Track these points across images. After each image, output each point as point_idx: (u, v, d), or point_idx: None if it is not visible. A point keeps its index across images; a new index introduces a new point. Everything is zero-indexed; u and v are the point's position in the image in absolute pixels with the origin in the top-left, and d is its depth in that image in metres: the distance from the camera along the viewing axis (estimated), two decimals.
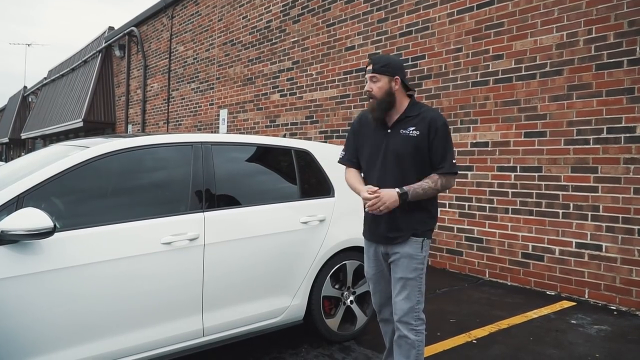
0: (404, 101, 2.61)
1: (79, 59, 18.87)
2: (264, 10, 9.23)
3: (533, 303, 4.60)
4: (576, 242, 4.82)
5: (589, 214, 4.73)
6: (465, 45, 5.80)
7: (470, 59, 5.75)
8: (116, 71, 16.50)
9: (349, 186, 2.76)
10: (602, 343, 3.68)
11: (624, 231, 4.51)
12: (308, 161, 3.65)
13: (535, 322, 4.10)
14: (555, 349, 3.54)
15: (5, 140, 29.67)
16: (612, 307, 4.52)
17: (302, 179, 3.57)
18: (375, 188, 2.49)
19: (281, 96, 8.77)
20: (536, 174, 5.14)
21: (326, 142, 7.50)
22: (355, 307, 3.60)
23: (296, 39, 8.42)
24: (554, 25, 5.01)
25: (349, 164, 2.79)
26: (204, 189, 3.03)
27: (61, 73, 20.67)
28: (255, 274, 3.15)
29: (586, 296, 4.74)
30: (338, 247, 3.51)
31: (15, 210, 2.36)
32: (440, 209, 5.95)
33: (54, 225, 2.35)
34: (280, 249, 3.26)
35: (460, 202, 5.85)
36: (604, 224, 4.64)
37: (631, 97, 4.47)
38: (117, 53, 15.68)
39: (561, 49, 4.95)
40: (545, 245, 5.06)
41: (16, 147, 31.84)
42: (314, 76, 8.03)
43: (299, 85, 8.36)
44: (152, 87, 13.86)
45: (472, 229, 5.72)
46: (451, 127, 5.77)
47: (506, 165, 5.41)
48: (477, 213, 5.68)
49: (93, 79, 16.34)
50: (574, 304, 4.61)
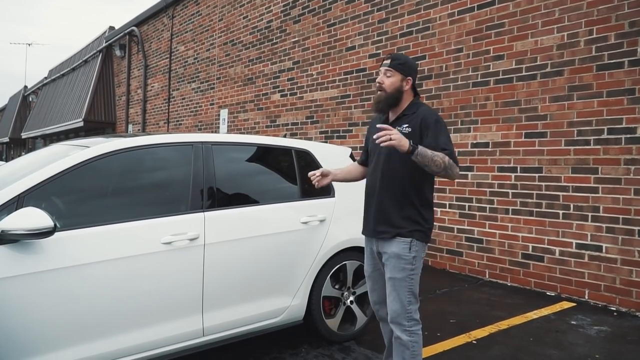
0: (407, 101, 2.65)
1: (79, 58, 18.87)
2: (264, 10, 9.23)
3: (533, 304, 4.60)
4: (576, 243, 4.82)
5: (589, 214, 4.73)
6: (466, 45, 5.80)
7: (471, 59, 5.75)
8: (117, 71, 16.50)
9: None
10: (602, 344, 3.68)
11: (624, 232, 4.51)
12: (308, 161, 3.65)
13: (535, 323, 4.10)
14: (555, 350, 3.54)
15: (6, 139, 29.69)
16: (612, 308, 4.52)
17: (302, 179, 3.56)
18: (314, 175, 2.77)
19: (282, 96, 8.77)
20: (536, 174, 5.14)
21: (326, 142, 7.50)
22: (355, 307, 3.60)
23: (297, 39, 8.42)
24: (555, 26, 5.01)
25: (359, 162, 2.99)
26: (204, 189, 3.03)
27: (61, 73, 20.67)
28: (256, 273, 3.15)
29: (586, 297, 4.74)
30: (338, 247, 3.51)
31: (16, 210, 2.36)
32: (440, 209, 5.97)
33: (54, 225, 2.35)
34: (280, 248, 3.26)
35: (461, 203, 5.85)
36: (604, 225, 4.64)
37: (632, 98, 4.47)
38: (118, 53, 15.68)
39: (562, 49, 4.95)
40: (546, 246, 5.06)
41: (16, 146, 31.85)
42: (314, 76, 8.03)
43: (299, 85, 8.35)
44: (152, 86, 13.87)
45: (472, 230, 5.72)
46: (452, 127, 5.79)
47: (506, 165, 5.41)
48: (477, 214, 5.68)
49: (93, 79, 16.33)
50: (574, 304, 4.61)
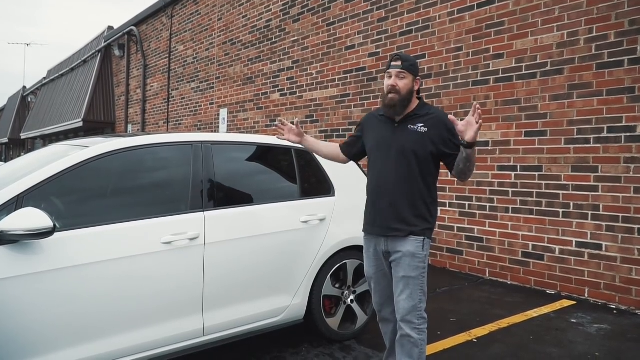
0: (415, 101, 2.69)
1: (78, 58, 18.85)
2: (263, 10, 9.22)
3: (533, 302, 4.60)
4: (576, 242, 4.82)
5: (589, 213, 4.73)
6: (466, 44, 5.80)
7: (471, 58, 5.75)
8: (116, 71, 16.48)
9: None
10: (602, 342, 3.68)
11: (624, 230, 4.50)
12: (308, 160, 3.65)
13: (536, 321, 4.10)
14: (556, 348, 3.54)
15: (5, 140, 29.68)
16: (612, 306, 4.52)
17: (302, 178, 3.56)
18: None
19: (281, 95, 8.77)
20: (536, 173, 5.14)
21: (327, 141, 7.49)
22: (355, 307, 3.60)
23: (296, 38, 8.41)
24: (555, 24, 5.01)
25: (340, 146, 2.97)
26: (204, 189, 3.03)
27: (60, 73, 20.65)
28: (256, 273, 3.15)
29: (586, 295, 4.74)
30: (338, 247, 3.51)
31: (15, 210, 2.35)
32: (440, 208, 5.96)
33: (54, 225, 2.35)
34: (280, 248, 3.26)
35: (461, 202, 5.84)
36: (604, 223, 4.64)
37: (632, 97, 4.47)
38: (117, 53, 15.66)
39: (562, 48, 4.95)
40: (546, 245, 5.05)
41: (16, 147, 31.85)
42: (314, 75, 8.02)
43: (299, 84, 8.35)
44: (151, 86, 13.85)
45: (473, 228, 5.72)
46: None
47: (506, 164, 5.41)
48: (477, 212, 5.68)
49: (92, 79, 16.32)
50: (574, 302, 4.61)
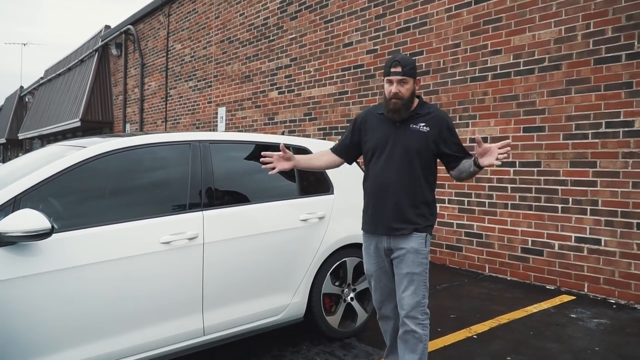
0: (414, 100, 2.69)
1: (75, 58, 18.80)
2: (261, 7, 9.20)
3: (533, 297, 4.61)
4: (575, 237, 4.82)
5: (588, 208, 4.73)
6: (464, 40, 5.79)
7: (469, 54, 5.74)
8: (113, 70, 16.45)
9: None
10: (602, 336, 3.69)
11: (623, 225, 4.51)
12: None
13: (535, 317, 4.11)
14: (555, 343, 3.54)
15: (3, 140, 29.63)
16: (611, 301, 4.53)
17: (301, 176, 3.56)
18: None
19: (279, 93, 8.75)
20: (535, 168, 5.14)
21: (325, 139, 7.49)
22: (355, 304, 3.60)
23: (294, 35, 8.40)
24: (552, 20, 5.00)
25: (333, 150, 2.89)
26: (202, 188, 3.02)
27: (58, 72, 20.60)
28: (255, 272, 3.14)
29: (585, 290, 4.75)
30: (338, 244, 3.51)
31: (13, 212, 2.34)
32: (439, 204, 5.96)
33: (52, 227, 2.34)
34: (279, 246, 3.26)
35: (460, 198, 5.84)
36: (602, 218, 4.64)
37: (629, 92, 4.47)
38: (114, 52, 15.62)
39: (559, 43, 4.94)
40: (545, 240, 5.06)
41: (13, 147, 31.77)
42: (312, 73, 8.01)
43: (297, 82, 8.34)
44: (149, 85, 13.83)
45: (472, 225, 5.72)
46: None
47: (505, 160, 5.39)
48: (476, 208, 5.68)
49: (90, 78, 16.27)
50: (574, 297, 4.62)
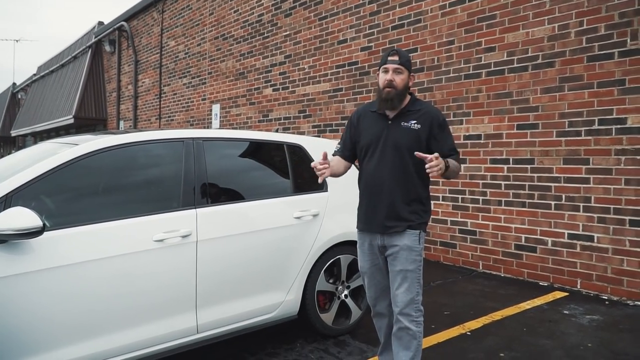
0: (407, 97, 2.69)
1: (68, 54, 18.66)
2: (255, 4, 9.16)
3: (526, 294, 4.63)
4: (568, 233, 4.85)
5: (581, 205, 4.76)
6: (458, 37, 5.79)
7: (463, 51, 5.74)
8: (107, 67, 16.35)
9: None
10: (594, 332, 3.71)
11: (615, 222, 4.53)
12: (301, 156, 3.64)
13: (529, 313, 4.13)
14: (548, 340, 3.56)
15: None
16: (603, 297, 4.55)
17: (295, 173, 3.56)
18: (321, 167, 2.54)
19: (274, 90, 8.73)
20: (528, 165, 5.16)
21: (319, 136, 7.48)
22: (349, 301, 3.60)
23: (288, 32, 8.37)
24: (546, 17, 5.01)
25: (338, 154, 2.83)
26: (196, 185, 3.01)
27: (50, 69, 20.45)
28: (249, 269, 3.14)
29: (578, 286, 4.78)
30: (332, 242, 3.51)
31: (4, 210, 2.33)
32: (433, 201, 5.97)
33: (43, 225, 2.33)
34: (273, 244, 3.25)
35: (454, 195, 5.86)
36: (595, 215, 4.67)
37: (622, 89, 4.49)
38: (108, 48, 15.52)
39: (553, 40, 4.96)
40: (538, 237, 5.08)
41: (6, 144, 31.56)
42: (306, 70, 8.00)
43: (291, 79, 8.32)
44: (143, 82, 13.76)
45: (466, 222, 5.74)
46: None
47: (499, 157, 5.42)
48: (470, 205, 5.69)
49: (83, 75, 16.16)
50: (567, 294, 4.64)
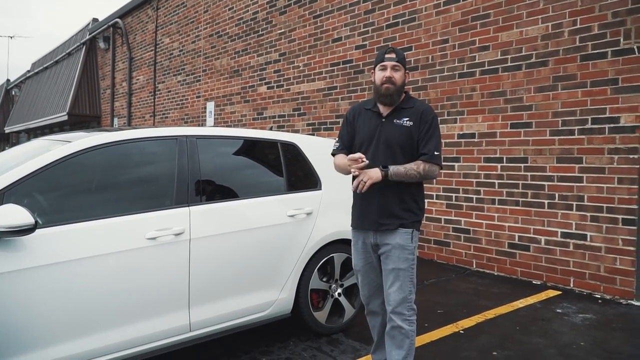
0: (402, 95, 2.69)
1: (62, 51, 18.56)
2: (250, 2, 9.13)
3: (519, 293, 4.65)
4: (561, 232, 4.87)
5: (574, 204, 4.78)
6: (452, 36, 5.80)
7: (457, 50, 5.75)
8: (101, 63, 16.27)
9: (338, 170, 2.76)
10: (587, 331, 3.73)
11: (609, 220, 4.56)
12: (295, 154, 3.63)
13: (522, 312, 4.15)
14: (541, 338, 3.58)
15: None
16: (596, 296, 4.58)
17: (288, 172, 3.55)
18: (360, 155, 2.46)
19: (268, 88, 8.72)
20: (522, 164, 5.17)
21: (314, 134, 7.48)
22: (343, 300, 3.61)
23: (283, 30, 8.36)
24: (540, 17, 5.02)
25: (342, 151, 2.76)
26: (189, 183, 3.00)
27: (45, 66, 20.33)
28: (242, 268, 3.13)
29: (571, 285, 4.80)
30: (325, 240, 3.51)
31: None
32: (427, 200, 5.98)
33: (35, 222, 2.31)
34: (267, 242, 3.25)
35: (448, 194, 5.87)
36: (588, 214, 4.69)
37: (615, 88, 4.51)
38: (102, 45, 15.44)
39: (546, 40, 4.97)
40: (531, 235, 5.10)
41: (0, 141, 31.37)
42: (300, 68, 7.98)
43: (285, 77, 8.30)
44: (137, 79, 13.70)
45: (459, 220, 5.75)
46: (438, 118, 5.78)
47: (492, 156, 5.43)
48: (464, 204, 5.71)
49: (77, 72, 16.08)
50: (560, 292, 4.67)
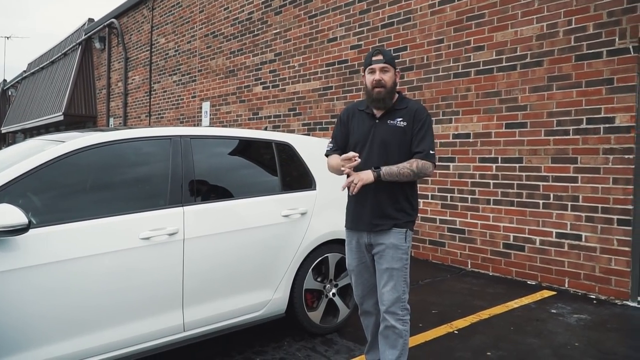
0: (395, 95, 2.68)
1: (58, 51, 18.53)
2: (245, 2, 9.12)
3: (514, 293, 4.65)
4: (556, 232, 4.88)
5: (569, 204, 4.79)
6: (447, 36, 5.80)
7: (452, 50, 5.76)
8: (97, 64, 16.22)
9: (332, 171, 2.74)
10: (582, 332, 3.73)
11: (603, 221, 4.56)
12: (289, 154, 3.63)
13: (516, 312, 4.15)
14: (536, 338, 3.58)
15: None
16: (591, 296, 4.59)
17: (283, 172, 3.54)
18: (353, 154, 2.44)
19: (264, 88, 8.71)
20: (517, 164, 5.18)
21: (309, 134, 7.47)
22: (337, 300, 3.60)
23: (278, 30, 8.35)
24: (535, 16, 5.03)
25: (336, 152, 2.75)
26: (183, 183, 2.99)
27: (41, 66, 20.28)
28: (236, 268, 3.12)
29: (566, 285, 4.81)
30: (320, 240, 3.50)
31: None
32: (422, 200, 5.99)
33: (29, 222, 2.30)
34: (261, 242, 3.24)
35: (443, 194, 5.87)
36: (583, 214, 4.70)
37: (610, 88, 4.52)
38: (98, 45, 15.40)
39: (541, 39, 4.98)
40: (526, 236, 5.11)
41: None
42: (296, 68, 7.98)
43: (281, 77, 8.30)
44: (133, 79, 13.67)
45: (454, 220, 5.75)
46: (433, 119, 5.77)
47: (487, 156, 5.44)
48: (459, 204, 5.71)
49: (73, 72, 16.05)
50: (554, 293, 4.67)
